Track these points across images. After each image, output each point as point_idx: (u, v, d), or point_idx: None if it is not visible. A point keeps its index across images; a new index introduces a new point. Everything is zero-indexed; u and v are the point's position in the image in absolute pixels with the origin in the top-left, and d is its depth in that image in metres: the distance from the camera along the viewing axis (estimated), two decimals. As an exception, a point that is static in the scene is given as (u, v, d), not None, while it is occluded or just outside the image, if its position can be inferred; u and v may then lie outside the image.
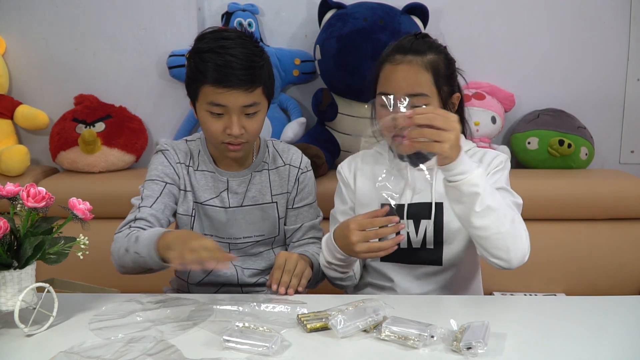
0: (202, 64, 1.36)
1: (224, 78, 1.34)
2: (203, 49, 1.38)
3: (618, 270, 2.03)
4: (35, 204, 1.12)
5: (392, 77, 1.37)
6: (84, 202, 1.16)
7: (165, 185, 1.48)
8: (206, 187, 1.53)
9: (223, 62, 1.34)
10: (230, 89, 1.35)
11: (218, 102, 1.37)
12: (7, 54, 2.37)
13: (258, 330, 1.07)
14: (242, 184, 1.54)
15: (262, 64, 1.40)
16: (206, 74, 1.35)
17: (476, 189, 1.19)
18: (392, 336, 1.06)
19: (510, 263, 1.26)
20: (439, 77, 1.38)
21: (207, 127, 1.42)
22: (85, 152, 2.19)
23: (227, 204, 1.52)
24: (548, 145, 2.21)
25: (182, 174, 1.51)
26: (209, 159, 1.54)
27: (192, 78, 1.40)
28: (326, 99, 2.23)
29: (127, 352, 1.02)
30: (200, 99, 1.40)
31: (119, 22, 2.32)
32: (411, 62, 1.37)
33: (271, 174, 1.56)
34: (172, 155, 1.52)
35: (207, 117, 1.41)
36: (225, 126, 1.40)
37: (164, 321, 1.15)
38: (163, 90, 2.37)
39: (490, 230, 1.22)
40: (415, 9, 2.20)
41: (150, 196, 1.46)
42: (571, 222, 2.08)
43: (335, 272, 1.40)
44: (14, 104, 2.33)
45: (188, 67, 1.43)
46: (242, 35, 1.41)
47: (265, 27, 2.38)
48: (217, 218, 1.53)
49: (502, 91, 2.32)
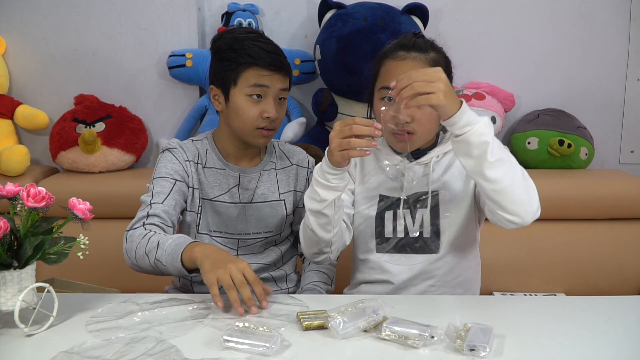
0: (239, 52, 1.45)
1: (273, 61, 1.46)
2: (237, 38, 1.47)
3: (618, 270, 2.03)
4: (35, 204, 1.12)
5: (396, 72, 1.37)
6: (84, 202, 1.16)
7: (175, 183, 1.48)
8: (215, 183, 1.54)
9: (263, 47, 1.46)
10: (276, 72, 1.46)
11: (263, 83, 1.46)
12: (7, 54, 2.37)
13: (258, 330, 1.07)
14: (252, 180, 1.56)
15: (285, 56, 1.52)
16: (257, 57, 1.44)
17: (485, 137, 1.17)
18: (392, 336, 1.06)
19: (524, 218, 1.24)
20: None
21: (245, 112, 1.47)
22: (85, 152, 2.19)
23: (238, 199, 1.54)
24: (548, 145, 2.21)
25: (190, 172, 1.52)
26: (217, 157, 1.55)
27: (236, 62, 1.46)
28: (326, 99, 2.23)
29: (127, 352, 1.02)
30: (241, 84, 1.46)
31: (119, 22, 2.32)
32: (415, 59, 1.38)
33: (278, 173, 1.59)
34: (181, 154, 1.52)
35: (246, 102, 1.47)
36: (262, 110, 1.46)
37: (162, 321, 1.15)
38: (163, 90, 2.37)
39: (504, 182, 1.20)
40: (415, 9, 2.20)
41: (161, 192, 1.46)
42: (571, 222, 2.08)
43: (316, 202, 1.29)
44: (14, 104, 2.33)
45: (218, 61, 1.49)
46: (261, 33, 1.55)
47: (265, 27, 2.38)
48: (227, 214, 1.54)
49: (502, 91, 2.32)
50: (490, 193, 1.23)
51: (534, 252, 2.04)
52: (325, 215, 1.31)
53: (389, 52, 1.42)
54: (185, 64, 2.25)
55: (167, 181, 1.47)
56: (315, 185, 1.29)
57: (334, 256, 1.43)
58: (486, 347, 1.01)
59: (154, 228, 1.38)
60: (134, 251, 1.34)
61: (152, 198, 1.44)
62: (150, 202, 1.44)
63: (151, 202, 1.44)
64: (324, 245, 1.38)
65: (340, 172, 1.26)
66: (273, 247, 1.61)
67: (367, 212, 1.47)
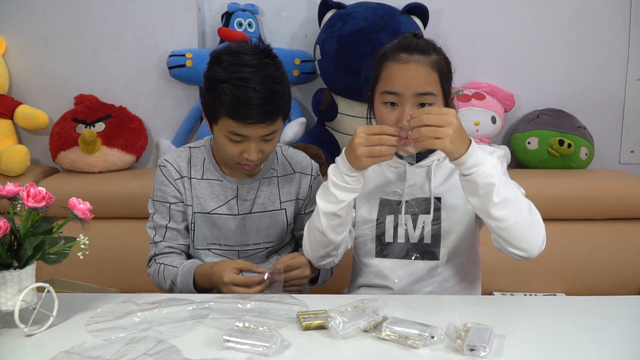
0: (221, 97, 1.33)
1: (245, 115, 1.32)
2: (221, 79, 1.33)
3: (618, 270, 2.03)
4: (35, 204, 1.12)
5: (400, 76, 1.35)
6: (84, 202, 1.16)
7: (169, 207, 1.50)
8: (212, 195, 1.51)
9: (245, 98, 1.31)
10: (252, 124, 1.34)
11: (238, 132, 1.36)
12: (7, 54, 2.37)
13: (258, 330, 1.07)
14: (251, 190, 1.52)
15: (283, 91, 1.37)
16: (226, 108, 1.33)
17: (491, 179, 1.19)
18: (392, 336, 1.06)
19: (530, 252, 1.27)
20: (443, 77, 1.38)
21: (225, 150, 1.41)
22: (85, 152, 2.19)
23: (237, 211, 1.51)
24: (548, 145, 2.21)
25: (182, 190, 1.50)
26: (215, 168, 1.52)
27: (211, 104, 1.37)
28: (326, 99, 2.23)
29: (127, 352, 1.02)
30: (220, 125, 1.38)
31: (119, 22, 2.32)
32: (419, 62, 1.36)
33: (280, 182, 1.55)
34: (170, 172, 1.50)
35: (225, 141, 1.39)
36: (242, 150, 1.39)
37: (162, 321, 1.15)
38: (163, 90, 2.37)
39: (509, 221, 1.23)
40: (415, 9, 2.20)
41: (161, 226, 1.51)
42: (571, 222, 2.08)
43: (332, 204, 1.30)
44: (14, 104, 2.33)
45: (206, 91, 1.39)
46: (262, 56, 1.36)
47: (265, 27, 2.38)
48: (225, 226, 1.51)
49: (502, 91, 2.32)
50: (495, 229, 1.26)
51: (534, 252, 2.04)
52: (339, 217, 1.33)
53: (390, 55, 1.39)
54: (185, 64, 2.25)
55: (163, 206, 1.51)
56: (332, 187, 1.29)
57: (338, 259, 1.43)
58: (486, 347, 1.01)
59: (165, 260, 1.49)
60: (161, 286, 1.50)
61: (155, 235, 1.52)
62: (154, 240, 1.52)
63: (155, 241, 1.52)
64: (332, 249, 1.38)
65: (360, 174, 1.29)
66: (274, 254, 1.59)
67: (368, 215, 1.45)
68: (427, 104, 1.34)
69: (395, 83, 1.35)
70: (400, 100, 1.34)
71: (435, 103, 1.36)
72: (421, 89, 1.34)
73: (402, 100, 1.34)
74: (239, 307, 1.22)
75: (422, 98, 1.34)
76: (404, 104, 1.34)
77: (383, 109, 1.38)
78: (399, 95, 1.34)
